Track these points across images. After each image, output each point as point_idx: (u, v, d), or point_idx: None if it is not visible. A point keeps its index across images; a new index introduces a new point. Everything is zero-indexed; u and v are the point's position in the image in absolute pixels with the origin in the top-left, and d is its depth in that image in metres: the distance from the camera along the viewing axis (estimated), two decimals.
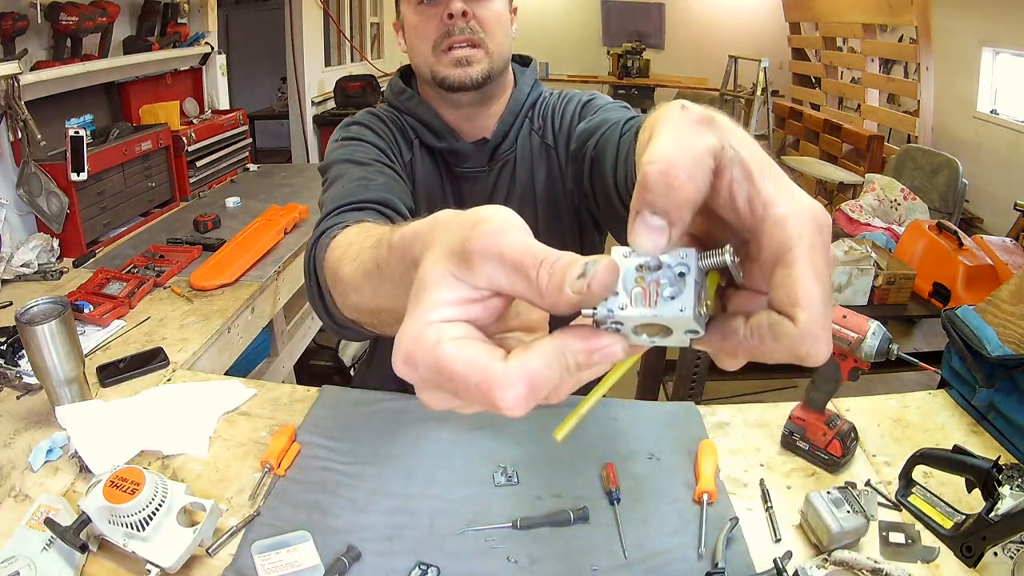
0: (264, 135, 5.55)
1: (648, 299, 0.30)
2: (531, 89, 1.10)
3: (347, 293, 0.57)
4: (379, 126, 1.06)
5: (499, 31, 1.00)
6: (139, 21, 2.53)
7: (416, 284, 0.34)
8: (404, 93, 1.08)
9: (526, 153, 1.09)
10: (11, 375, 1.21)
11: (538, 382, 0.30)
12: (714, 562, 0.83)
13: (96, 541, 0.83)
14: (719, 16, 7.15)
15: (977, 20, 4.05)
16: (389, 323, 0.50)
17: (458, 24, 0.96)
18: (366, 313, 0.55)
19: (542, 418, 1.15)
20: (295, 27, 4.34)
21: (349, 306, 0.59)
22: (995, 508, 0.81)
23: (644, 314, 0.30)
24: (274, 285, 1.88)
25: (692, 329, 0.30)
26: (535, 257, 0.30)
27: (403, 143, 1.07)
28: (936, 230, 2.27)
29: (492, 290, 0.32)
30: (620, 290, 0.30)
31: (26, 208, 1.90)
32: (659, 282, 0.30)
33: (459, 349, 0.31)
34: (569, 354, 0.30)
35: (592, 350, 0.30)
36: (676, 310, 0.30)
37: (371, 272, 0.47)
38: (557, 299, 0.30)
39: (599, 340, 0.30)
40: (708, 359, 2.20)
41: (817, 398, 1.03)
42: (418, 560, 0.82)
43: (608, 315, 0.30)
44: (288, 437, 1.02)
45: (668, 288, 0.30)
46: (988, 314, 1.19)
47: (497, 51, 1.00)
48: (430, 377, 0.31)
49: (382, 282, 0.44)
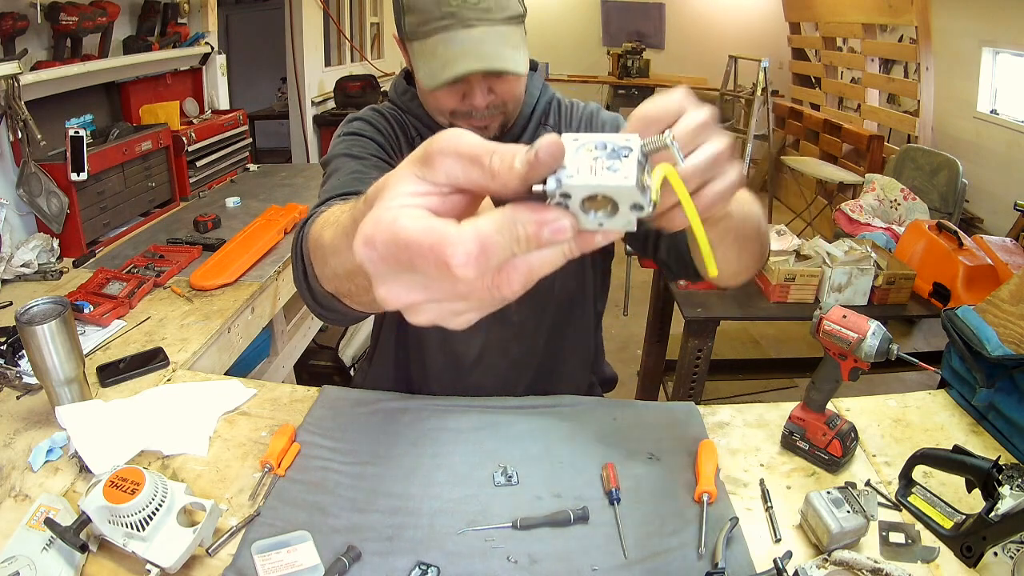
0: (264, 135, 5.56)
1: (593, 171, 0.32)
2: (540, 94, 1.10)
3: (327, 258, 0.58)
4: (381, 123, 1.06)
5: (519, 92, 0.99)
6: (139, 21, 2.53)
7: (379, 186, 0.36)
8: (407, 94, 1.07)
9: None
10: (11, 375, 1.21)
11: (488, 244, 0.31)
12: (714, 562, 0.83)
13: (96, 541, 0.83)
14: (719, 16, 7.15)
15: (977, 20, 4.04)
16: (364, 287, 0.52)
17: (480, 111, 0.95)
18: (344, 278, 0.56)
19: (542, 418, 1.15)
20: (295, 27, 4.34)
21: (328, 274, 0.60)
22: (995, 508, 0.81)
23: (589, 182, 0.32)
24: (274, 285, 1.88)
25: (636, 203, 0.33)
26: (488, 148, 0.34)
27: (404, 141, 1.07)
28: (936, 230, 2.27)
29: (450, 184, 0.34)
30: (567, 165, 0.33)
31: (26, 208, 1.90)
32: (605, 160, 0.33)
33: (414, 220, 0.33)
34: (520, 224, 0.32)
35: (542, 221, 0.32)
36: (620, 179, 0.32)
37: (348, 229, 0.48)
38: (508, 177, 0.33)
39: (548, 212, 0.32)
40: (708, 359, 2.20)
41: (817, 398, 1.03)
42: (418, 560, 0.82)
43: (556, 186, 0.32)
44: (288, 437, 1.02)
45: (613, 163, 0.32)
46: (988, 314, 1.19)
47: (515, 107, 1.01)
48: (387, 252, 0.33)
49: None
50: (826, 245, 2.18)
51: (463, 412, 1.10)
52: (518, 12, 0.94)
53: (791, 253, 2.20)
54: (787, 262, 2.13)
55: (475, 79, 0.91)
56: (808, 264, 2.13)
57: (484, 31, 0.89)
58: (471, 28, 0.88)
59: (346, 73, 4.90)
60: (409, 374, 1.20)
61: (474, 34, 0.88)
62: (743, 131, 4.89)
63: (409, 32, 0.93)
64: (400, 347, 1.19)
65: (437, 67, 0.89)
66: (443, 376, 1.16)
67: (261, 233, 2.04)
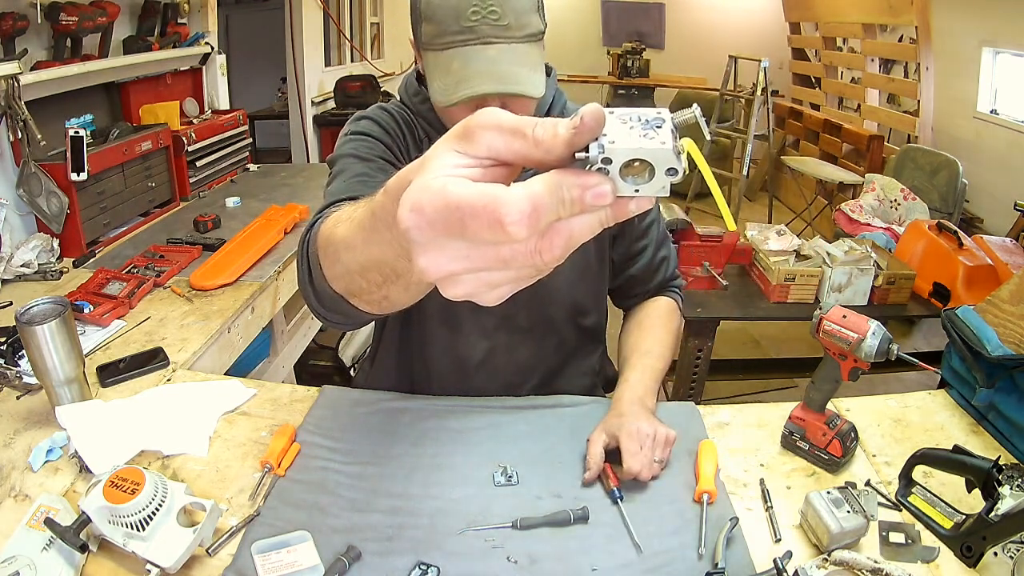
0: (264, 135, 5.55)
1: (632, 139, 0.35)
2: (554, 99, 1.09)
3: (339, 253, 0.57)
4: (389, 123, 1.05)
5: (532, 108, 0.98)
6: (139, 21, 2.53)
7: (419, 163, 0.37)
8: (419, 95, 1.06)
9: None
10: (11, 375, 1.21)
11: (539, 204, 0.33)
12: (714, 562, 0.83)
13: (96, 541, 0.83)
14: (719, 16, 7.15)
15: (977, 20, 4.04)
16: (377, 283, 0.53)
17: None
18: (357, 274, 0.55)
19: (542, 418, 1.15)
20: (295, 27, 4.34)
21: (339, 272, 0.59)
22: (995, 508, 0.82)
23: (631, 146, 0.35)
24: (274, 285, 1.88)
25: (672, 168, 0.35)
26: (530, 121, 0.35)
27: (411, 141, 1.06)
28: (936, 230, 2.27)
29: (492, 157, 0.36)
30: (608, 132, 0.35)
31: (26, 208, 1.90)
32: (640, 129, 0.36)
33: (464, 186, 0.34)
34: (565, 187, 0.34)
35: (585, 185, 0.34)
36: (658, 143, 0.35)
37: (365, 223, 0.49)
38: (553, 143, 0.35)
39: (591, 177, 0.34)
40: (708, 359, 2.20)
41: (817, 398, 1.03)
42: (418, 560, 0.82)
43: (599, 152, 0.35)
44: (288, 437, 1.02)
45: (649, 132, 0.36)
46: (988, 314, 1.19)
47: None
48: (437, 217, 0.34)
49: (375, 229, 0.46)
50: (826, 245, 2.18)
51: (463, 412, 1.10)
52: (538, 29, 0.91)
53: (791, 253, 2.20)
54: (787, 262, 2.13)
55: (490, 99, 0.89)
56: (808, 264, 2.13)
57: (501, 50, 0.87)
58: (489, 46, 0.86)
59: (346, 73, 4.90)
60: (411, 375, 1.20)
61: (491, 53, 0.86)
62: (743, 131, 4.89)
63: (425, 42, 0.91)
64: (403, 348, 1.19)
65: (451, 84, 0.87)
66: (446, 378, 1.16)
67: (261, 233, 2.04)
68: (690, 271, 2.17)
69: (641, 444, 0.95)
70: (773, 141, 5.12)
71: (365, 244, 0.50)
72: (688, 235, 2.18)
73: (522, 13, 0.88)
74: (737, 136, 5.04)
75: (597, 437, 0.98)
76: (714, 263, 2.22)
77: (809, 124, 5.60)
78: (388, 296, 0.54)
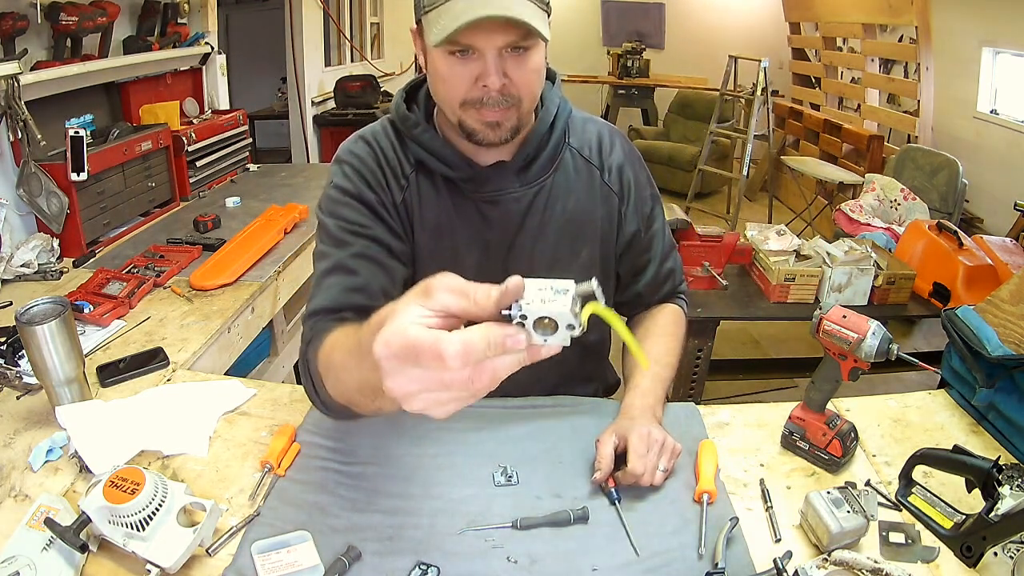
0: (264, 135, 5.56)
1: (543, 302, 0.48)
2: (559, 109, 1.05)
3: (338, 374, 0.72)
4: (369, 167, 1.01)
5: (536, 88, 0.94)
6: (139, 21, 2.53)
7: (387, 312, 0.51)
8: (408, 120, 1.01)
9: (568, 174, 1.07)
10: (11, 375, 1.21)
11: (471, 346, 0.47)
12: (714, 562, 0.83)
13: (96, 541, 0.83)
14: (719, 16, 7.15)
15: (977, 20, 4.04)
16: (370, 397, 0.66)
17: (493, 95, 0.89)
18: (354, 391, 0.69)
19: (542, 418, 1.15)
20: (295, 27, 4.34)
21: (341, 389, 0.73)
22: (995, 508, 0.81)
23: (540, 309, 0.48)
24: (274, 285, 1.88)
25: (569, 323, 0.48)
26: (473, 285, 0.50)
27: (398, 175, 1.02)
28: (936, 230, 2.27)
29: (444, 310, 0.50)
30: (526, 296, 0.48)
31: (26, 208, 1.90)
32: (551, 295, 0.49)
33: (420, 330, 0.48)
34: (492, 335, 0.47)
35: (506, 334, 0.48)
36: (561, 307, 0.48)
37: (354, 351, 0.64)
38: (486, 303, 0.49)
39: (511, 328, 0.48)
40: (708, 359, 2.20)
41: (817, 398, 1.03)
42: (418, 560, 0.82)
43: (518, 311, 0.48)
44: (288, 437, 1.02)
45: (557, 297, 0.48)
46: (988, 314, 1.19)
47: (530, 106, 0.95)
48: (399, 351, 0.48)
49: (361, 357, 0.58)
50: (826, 245, 2.18)
51: (463, 412, 1.10)
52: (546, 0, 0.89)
53: (791, 253, 2.20)
54: (787, 262, 2.13)
55: (491, 55, 0.85)
56: (808, 264, 2.13)
57: None
58: None
59: (346, 73, 4.90)
60: None
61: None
62: (743, 131, 4.89)
63: (428, 2, 0.86)
64: None
65: (450, 21, 0.83)
66: None
67: (261, 233, 2.04)
68: (690, 271, 2.17)
69: (649, 447, 0.95)
70: (773, 141, 5.12)
71: (357, 368, 0.63)
72: (688, 235, 2.18)
73: None
74: (737, 136, 5.04)
75: (607, 438, 0.97)
76: (714, 263, 2.22)
77: (809, 124, 5.60)
78: (381, 407, 0.67)
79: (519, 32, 0.85)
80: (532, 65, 0.89)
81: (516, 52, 0.87)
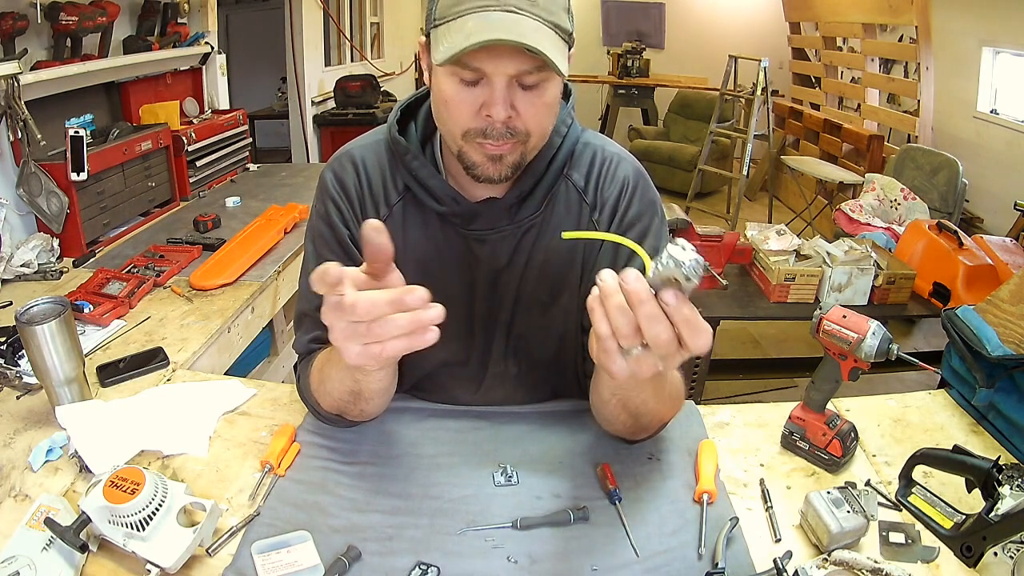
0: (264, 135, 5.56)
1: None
2: (563, 139, 0.94)
3: (326, 386, 0.92)
4: (349, 198, 0.97)
5: (546, 125, 0.87)
6: (139, 21, 2.53)
7: None
8: (399, 145, 0.94)
9: (558, 210, 0.97)
10: (11, 375, 1.21)
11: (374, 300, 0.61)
12: (714, 562, 0.83)
13: (96, 541, 0.83)
14: (719, 16, 7.15)
15: (977, 20, 4.04)
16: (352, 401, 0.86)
17: (497, 127, 0.81)
18: (345, 399, 0.90)
19: (542, 418, 1.15)
20: (295, 27, 4.34)
21: (333, 399, 0.92)
22: (995, 508, 0.81)
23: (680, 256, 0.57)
24: (274, 285, 1.88)
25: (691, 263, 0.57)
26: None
27: (379, 204, 0.97)
28: (936, 230, 2.27)
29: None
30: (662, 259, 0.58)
31: (26, 208, 1.90)
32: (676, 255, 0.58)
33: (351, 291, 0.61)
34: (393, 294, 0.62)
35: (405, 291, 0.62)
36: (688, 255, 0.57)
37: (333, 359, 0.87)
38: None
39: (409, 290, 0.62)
40: (708, 359, 2.20)
41: (817, 398, 1.03)
42: (418, 560, 0.82)
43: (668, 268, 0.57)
44: (288, 437, 1.02)
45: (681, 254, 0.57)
46: (988, 314, 1.19)
47: (538, 143, 0.88)
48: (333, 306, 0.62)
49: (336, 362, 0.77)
50: (826, 245, 2.18)
51: (463, 412, 1.10)
52: (567, 28, 0.82)
53: (791, 253, 2.20)
54: (787, 262, 2.14)
55: (499, 83, 0.78)
56: (808, 264, 2.13)
57: (525, 18, 0.77)
58: (511, 13, 0.77)
59: (346, 73, 4.90)
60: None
61: (514, 17, 0.76)
62: (743, 131, 4.89)
63: (439, 15, 0.80)
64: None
65: (459, 39, 0.76)
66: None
67: (261, 233, 2.04)
68: None
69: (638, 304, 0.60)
70: (773, 141, 5.12)
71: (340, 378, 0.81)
72: (688, 235, 2.18)
73: (552, 1, 0.80)
74: (737, 136, 5.04)
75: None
76: (714, 263, 2.22)
77: (809, 124, 5.60)
78: (363, 410, 0.84)
79: (533, 62, 0.77)
80: (545, 100, 0.82)
81: (528, 83, 0.80)
